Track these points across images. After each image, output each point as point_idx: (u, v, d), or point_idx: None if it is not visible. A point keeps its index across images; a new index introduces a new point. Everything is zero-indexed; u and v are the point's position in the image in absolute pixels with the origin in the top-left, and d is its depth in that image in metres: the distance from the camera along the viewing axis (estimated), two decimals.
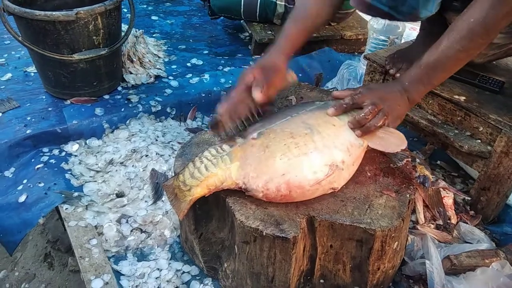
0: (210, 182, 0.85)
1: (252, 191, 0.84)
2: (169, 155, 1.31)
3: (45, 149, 1.34)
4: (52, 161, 1.31)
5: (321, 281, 0.92)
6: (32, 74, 1.63)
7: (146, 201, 1.19)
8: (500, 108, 1.11)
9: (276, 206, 0.86)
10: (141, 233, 1.12)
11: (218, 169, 0.85)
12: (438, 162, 1.36)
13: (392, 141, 0.89)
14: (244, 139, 0.89)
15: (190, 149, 1.01)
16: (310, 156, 0.84)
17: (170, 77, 1.66)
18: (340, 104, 0.92)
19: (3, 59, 1.72)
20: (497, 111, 1.10)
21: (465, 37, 0.87)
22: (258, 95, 0.92)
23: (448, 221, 1.13)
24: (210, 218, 0.96)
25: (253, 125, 0.93)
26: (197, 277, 1.03)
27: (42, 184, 1.22)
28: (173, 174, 0.98)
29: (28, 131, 1.34)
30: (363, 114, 0.89)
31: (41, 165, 1.29)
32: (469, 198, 1.20)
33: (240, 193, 0.87)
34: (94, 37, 1.39)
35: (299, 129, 0.88)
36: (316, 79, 1.75)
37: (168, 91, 1.57)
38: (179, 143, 1.38)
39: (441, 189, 1.16)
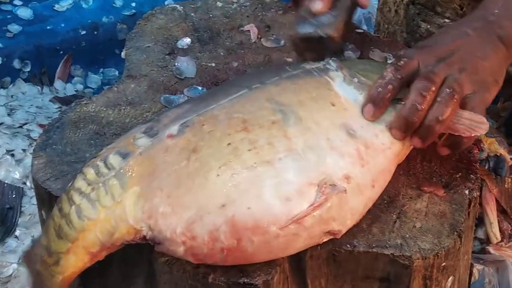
0: (89, 241, 0.82)
1: (164, 242, 0.81)
2: (23, 150, 1.31)
3: None
4: None
5: None
6: None
7: None
8: None
9: None
10: None
11: (101, 209, 0.82)
12: None
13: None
14: (151, 137, 0.86)
15: (62, 135, 1.01)
16: (277, 166, 0.81)
17: (17, 1, 1.64)
18: (380, 90, 0.88)
19: None
20: None
21: None
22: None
23: None
24: (107, 264, 0.96)
25: (171, 110, 0.91)
26: None
27: None
28: (30, 185, 0.97)
29: None
30: (411, 102, 0.86)
31: None
32: None
33: None
34: None
35: (261, 113, 0.86)
36: None
37: (15, 28, 1.57)
38: (41, 125, 1.38)
39: None
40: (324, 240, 0.84)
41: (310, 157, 0.82)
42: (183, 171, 0.82)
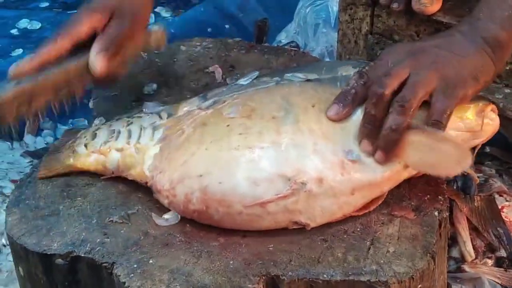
0: (109, 159, 0.99)
1: (157, 192, 0.96)
2: None
3: None
4: None
5: None
6: None
7: None
8: None
9: (208, 267, 0.88)
10: None
11: (132, 144, 0.99)
12: (487, 149, 1.43)
13: (444, 152, 0.89)
14: (191, 105, 1.02)
15: (34, 189, 1.01)
16: (255, 153, 0.90)
17: None
18: (343, 94, 0.94)
19: None
20: None
21: None
22: (100, 64, 1.00)
23: None
24: None
25: (216, 89, 1.04)
26: None
27: None
28: (6, 242, 0.97)
29: None
30: (365, 109, 0.91)
31: None
32: None
33: (141, 253, 0.89)
34: None
35: (270, 106, 0.96)
36: (257, 29, 1.79)
37: None
38: (13, 181, 1.38)
39: (496, 196, 1.23)
40: (294, 227, 0.92)
41: (291, 153, 0.90)
42: (186, 138, 0.95)
